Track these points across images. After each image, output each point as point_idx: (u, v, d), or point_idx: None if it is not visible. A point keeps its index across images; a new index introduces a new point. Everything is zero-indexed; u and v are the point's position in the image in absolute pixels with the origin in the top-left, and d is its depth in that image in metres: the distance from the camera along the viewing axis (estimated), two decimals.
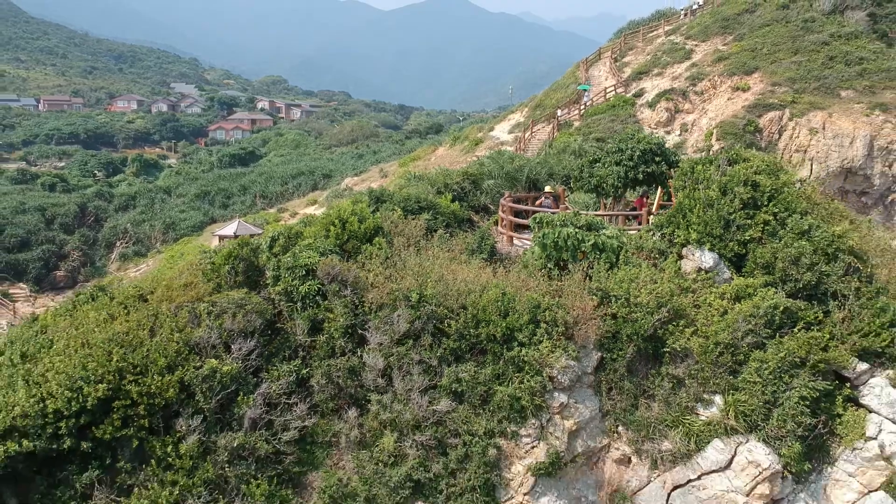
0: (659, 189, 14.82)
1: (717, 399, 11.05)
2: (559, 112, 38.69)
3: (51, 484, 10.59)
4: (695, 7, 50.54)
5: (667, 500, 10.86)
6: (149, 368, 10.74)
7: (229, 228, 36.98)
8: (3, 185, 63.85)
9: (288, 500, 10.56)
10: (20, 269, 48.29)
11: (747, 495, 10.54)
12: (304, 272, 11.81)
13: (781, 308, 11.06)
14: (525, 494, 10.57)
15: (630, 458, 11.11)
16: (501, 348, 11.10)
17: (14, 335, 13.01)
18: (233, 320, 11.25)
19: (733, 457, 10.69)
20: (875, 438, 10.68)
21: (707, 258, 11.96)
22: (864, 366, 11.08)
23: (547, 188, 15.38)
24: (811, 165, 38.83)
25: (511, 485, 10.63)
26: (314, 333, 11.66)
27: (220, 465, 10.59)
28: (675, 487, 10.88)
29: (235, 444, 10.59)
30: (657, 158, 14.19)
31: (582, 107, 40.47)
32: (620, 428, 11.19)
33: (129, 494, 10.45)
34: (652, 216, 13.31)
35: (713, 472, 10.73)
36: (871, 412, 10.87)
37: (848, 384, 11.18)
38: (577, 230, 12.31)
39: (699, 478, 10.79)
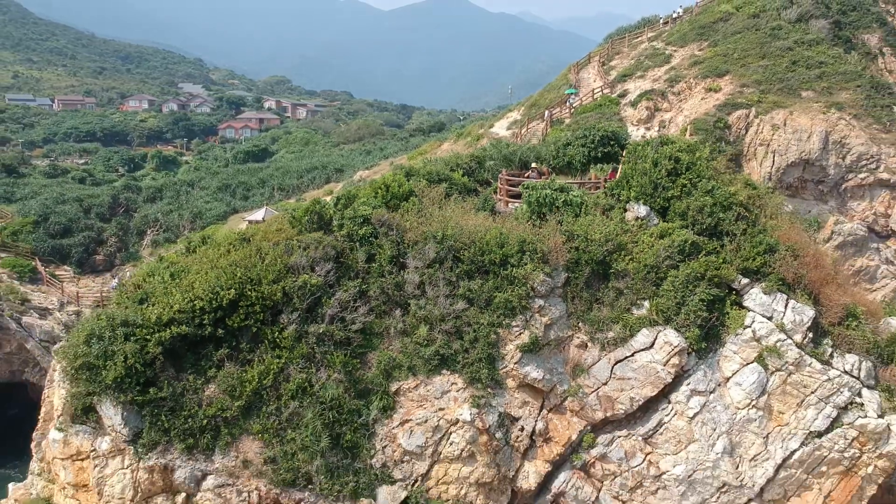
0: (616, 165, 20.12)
1: (646, 303, 16.34)
2: (546, 113, 43.93)
3: (196, 358, 15.85)
4: (675, 16, 55.91)
5: (611, 371, 16.14)
6: (261, 281, 15.99)
7: (258, 214, 42.30)
8: (37, 178, 69.18)
9: (356, 368, 15.84)
10: (64, 253, 53.52)
11: (664, 365, 15.83)
12: (361, 220, 17.07)
13: (690, 242, 16.35)
14: (515, 364, 15.85)
15: (587, 344, 16.40)
16: (499, 269, 16.37)
17: (153, 267, 18.27)
18: (315, 250, 16.51)
19: (655, 340, 15.98)
20: (750, 327, 15.99)
21: (642, 210, 17.27)
22: (745, 280, 16.39)
23: (533, 165, 20.63)
24: (773, 157, 44.12)
25: (505, 358, 15.91)
26: (369, 262, 16.91)
27: (310, 345, 15.86)
28: (617, 362, 16.16)
29: (320, 332, 15.86)
30: (612, 142, 19.49)
31: (569, 108, 45.70)
32: (580, 324, 16.48)
33: (249, 365, 15.72)
34: (607, 183, 18.59)
35: (641, 350, 16.02)
36: (749, 311, 16.16)
37: (735, 293, 16.48)
38: (552, 192, 17.61)
39: (633, 355, 16.07)
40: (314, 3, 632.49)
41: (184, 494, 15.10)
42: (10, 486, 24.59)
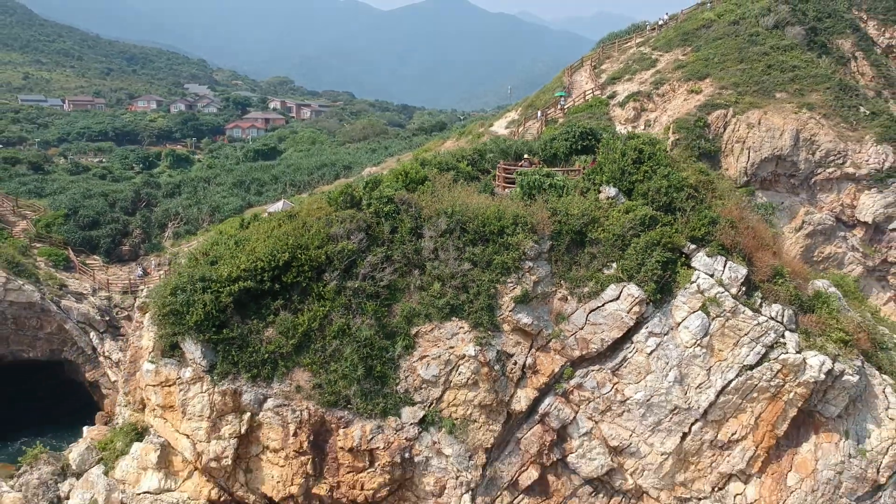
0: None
1: (614, 264, 20.59)
2: (538, 113, 48.40)
3: (258, 307, 20.08)
4: (661, 23, 60.27)
5: (586, 318, 20.37)
6: (308, 246, 20.21)
7: (277, 206, 46.49)
8: (61, 175, 73.43)
9: (384, 316, 20.06)
10: (93, 243, 57.67)
11: (627, 312, 20.06)
12: (386, 199, 21.31)
13: (649, 216, 20.60)
14: (509, 312, 20.08)
15: (567, 297, 20.64)
16: (497, 237, 20.60)
17: (216, 239, 22.53)
18: (350, 223, 20.75)
19: (620, 293, 20.22)
20: (695, 283, 20.24)
21: (612, 191, 21.53)
22: (693, 246, 20.64)
23: (525, 156, 24.85)
24: (748, 153, 48.43)
25: (502, 307, 20.14)
26: (392, 233, 21.12)
27: (347, 297, 20.10)
28: (591, 311, 20.40)
29: (355, 287, 20.10)
30: (590, 137, 23.74)
31: (561, 109, 50.09)
32: (561, 281, 20.72)
33: (299, 312, 19.94)
34: (585, 170, 22.85)
35: (610, 301, 20.25)
36: (695, 270, 20.42)
37: (684, 256, 20.73)
38: (540, 177, 21.87)
39: (603, 305, 20.31)
40: (314, 4, 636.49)
41: (249, 413, 19.34)
42: (85, 428, 28.81)
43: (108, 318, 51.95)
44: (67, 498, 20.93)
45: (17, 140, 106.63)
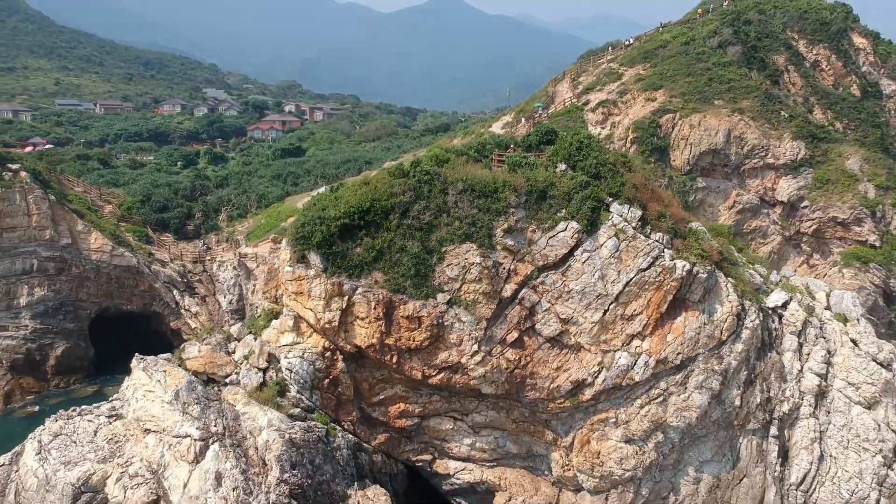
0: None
1: (563, 210, 34.77)
2: (522, 119, 62.96)
3: (351, 234, 34.18)
4: (627, 43, 74.78)
5: (546, 242, 34.52)
6: (379, 199, 34.28)
7: (320, 190, 60.51)
8: (124, 170, 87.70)
9: (425, 240, 34.10)
10: (165, 224, 71.95)
11: (571, 238, 34.24)
12: (425, 171, 35.47)
13: (584, 181, 34.83)
14: (501, 238, 34.24)
15: (535, 230, 34.83)
16: (493, 194, 34.74)
17: (323, 195, 36.63)
18: (403, 185, 34.89)
19: (567, 227, 34.40)
20: (611, 220, 34.44)
21: (563, 166, 35.78)
22: (610, 199, 34.89)
23: (511, 146, 38.96)
24: (690, 148, 62.76)
25: (496, 235, 34.30)
26: (429, 192, 35.22)
27: (403, 229, 34.16)
28: (549, 238, 34.56)
29: (408, 223, 34.20)
30: (552, 133, 37.94)
31: (540, 117, 64.49)
32: (532, 221, 34.89)
33: (375, 238, 34.06)
34: (547, 154, 37.07)
35: (560, 232, 34.37)
36: (611, 212, 34.60)
37: (605, 204, 34.94)
38: (520, 158, 36.15)
39: (556, 234, 34.47)
40: (314, 6, 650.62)
41: (347, 296, 33.43)
42: (187, 346, 42.84)
43: (185, 280, 66.31)
44: (234, 351, 35.13)
45: (65, 140, 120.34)
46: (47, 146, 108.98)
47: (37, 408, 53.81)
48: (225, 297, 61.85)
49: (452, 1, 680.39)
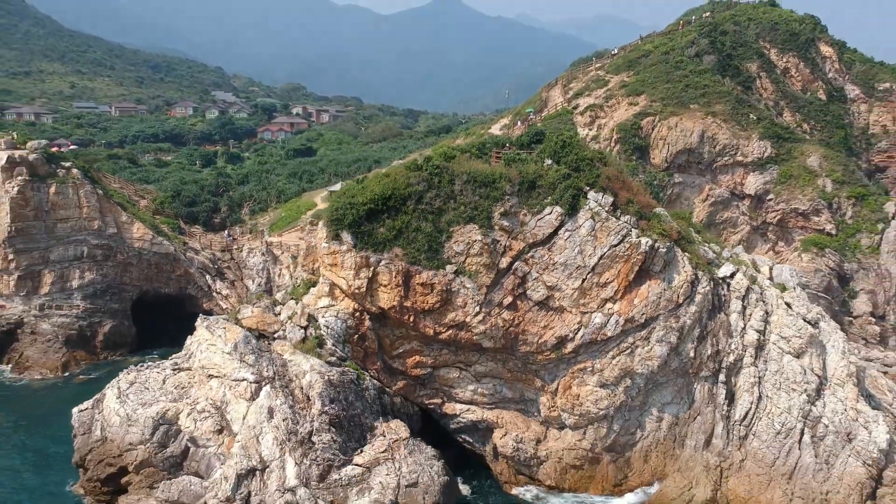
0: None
1: (549, 197, 42.86)
2: (518, 123, 71.21)
3: (375, 217, 42.25)
4: (614, 53, 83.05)
5: (535, 223, 42.61)
6: (398, 188, 42.34)
7: (337, 186, 68.58)
8: (150, 168, 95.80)
9: (436, 221, 42.15)
10: (194, 217, 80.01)
11: (555, 220, 42.32)
12: (435, 165, 43.54)
13: (566, 172, 42.95)
14: (498, 219, 42.29)
15: (527, 213, 42.81)
16: (492, 184, 42.80)
17: (350, 185, 44.66)
18: (418, 177, 42.95)
19: (552, 211, 42.45)
20: (588, 205, 42.55)
21: (549, 161, 43.90)
22: (588, 187, 42.99)
23: (507, 145, 47.02)
24: (668, 147, 70.95)
25: (494, 217, 42.32)
26: (439, 182, 43.26)
27: (419, 213, 42.25)
28: (538, 219, 42.64)
29: (422, 208, 42.29)
30: (540, 134, 45.99)
31: (532, 120, 72.65)
32: (523, 206, 42.92)
33: (395, 219, 42.11)
34: (536, 151, 45.12)
35: (547, 215, 42.49)
36: (588, 199, 42.71)
37: (584, 192, 43.05)
38: (514, 155, 44.30)
39: (543, 217, 42.50)
40: (314, 8, 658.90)
41: (372, 267, 41.49)
42: (242, 308, 50.94)
43: (216, 267, 74.55)
44: (279, 313, 43.23)
45: (87, 141, 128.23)
46: (72, 147, 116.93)
47: (92, 375, 61.82)
48: (254, 280, 69.92)
49: (452, 3, 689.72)
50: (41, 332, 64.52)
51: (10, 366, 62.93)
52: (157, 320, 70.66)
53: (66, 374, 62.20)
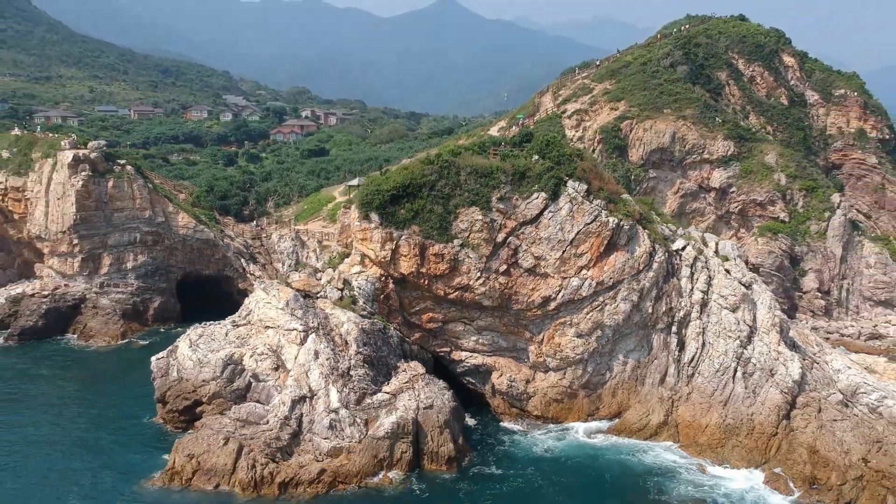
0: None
1: (536, 185, 54.39)
2: (514, 126, 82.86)
3: (397, 201, 53.70)
4: (598, 64, 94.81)
5: (525, 204, 54.17)
6: (415, 178, 53.80)
7: (355, 181, 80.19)
8: (182, 166, 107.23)
9: (446, 205, 53.64)
10: (226, 209, 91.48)
11: (541, 203, 53.84)
12: (445, 160, 55.05)
13: (550, 165, 54.51)
14: (495, 203, 53.81)
15: (518, 198, 54.42)
16: (490, 175, 54.33)
17: (375, 176, 56.08)
18: (430, 169, 54.42)
19: (538, 196, 53.98)
20: (567, 191, 54.16)
21: (536, 157, 55.47)
22: (567, 177, 54.57)
23: (502, 143, 58.47)
24: (643, 147, 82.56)
25: (492, 201, 53.82)
26: (447, 173, 54.73)
27: (431, 197, 53.72)
28: (527, 203, 54.17)
29: (434, 193, 53.79)
30: (529, 135, 57.51)
31: (524, 124, 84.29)
32: (515, 192, 54.46)
33: (413, 202, 53.58)
34: (525, 148, 56.64)
35: (534, 199, 54.03)
36: (567, 186, 54.27)
37: (564, 181, 54.60)
38: (507, 151, 55.92)
39: (531, 201, 54.09)
40: (314, 10, 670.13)
41: (395, 241, 52.94)
42: (291, 273, 62.50)
43: (249, 252, 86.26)
44: (320, 279, 54.75)
45: (113, 143, 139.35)
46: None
47: (146, 341, 73.27)
48: (283, 263, 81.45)
49: (451, 5, 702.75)
50: (101, 307, 75.98)
51: (76, 335, 74.43)
52: (198, 298, 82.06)
53: (125, 340, 73.65)
